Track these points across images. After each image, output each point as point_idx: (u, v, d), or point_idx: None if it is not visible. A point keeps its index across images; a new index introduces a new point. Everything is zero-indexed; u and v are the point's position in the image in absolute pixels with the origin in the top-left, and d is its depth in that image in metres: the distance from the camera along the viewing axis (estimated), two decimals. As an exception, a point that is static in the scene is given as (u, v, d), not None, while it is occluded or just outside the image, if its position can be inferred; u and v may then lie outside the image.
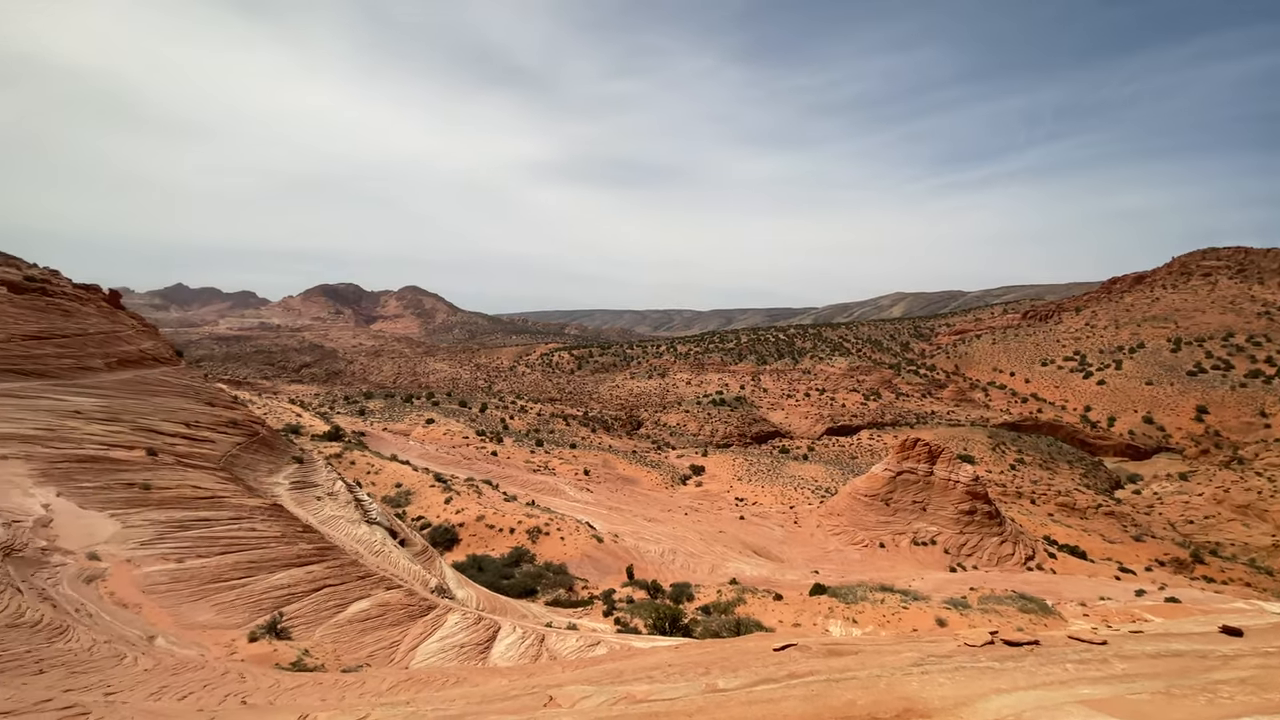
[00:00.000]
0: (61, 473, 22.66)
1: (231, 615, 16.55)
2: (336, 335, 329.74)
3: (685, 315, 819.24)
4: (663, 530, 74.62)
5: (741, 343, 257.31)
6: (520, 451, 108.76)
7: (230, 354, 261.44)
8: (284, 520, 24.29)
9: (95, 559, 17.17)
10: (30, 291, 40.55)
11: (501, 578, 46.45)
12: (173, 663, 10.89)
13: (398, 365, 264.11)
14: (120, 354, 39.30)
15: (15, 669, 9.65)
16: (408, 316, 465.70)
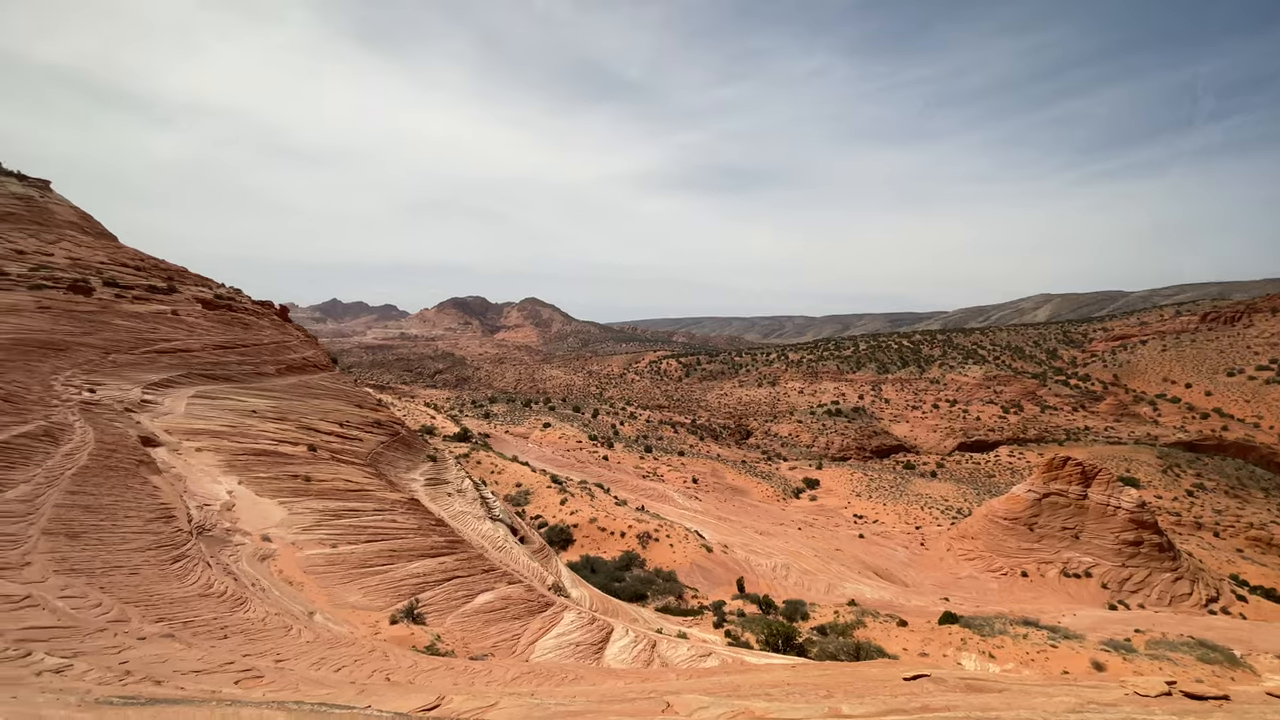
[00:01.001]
0: (242, 464, 26.20)
1: (375, 598, 18.17)
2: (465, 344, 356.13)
3: (797, 321, 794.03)
4: (775, 544, 72.41)
5: (860, 350, 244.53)
6: (630, 457, 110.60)
7: (375, 361, 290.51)
8: (420, 514, 26.36)
9: (267, 540, 19.61)
10: (220, 308, 47.51)
11: (613, 580, 47.32)
12: (329, 637, 12.15)
13: (518, 372, 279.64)
14: (288, 361, 44.88)
15: (206, 633, 11.20)
16: (527, 326, 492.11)
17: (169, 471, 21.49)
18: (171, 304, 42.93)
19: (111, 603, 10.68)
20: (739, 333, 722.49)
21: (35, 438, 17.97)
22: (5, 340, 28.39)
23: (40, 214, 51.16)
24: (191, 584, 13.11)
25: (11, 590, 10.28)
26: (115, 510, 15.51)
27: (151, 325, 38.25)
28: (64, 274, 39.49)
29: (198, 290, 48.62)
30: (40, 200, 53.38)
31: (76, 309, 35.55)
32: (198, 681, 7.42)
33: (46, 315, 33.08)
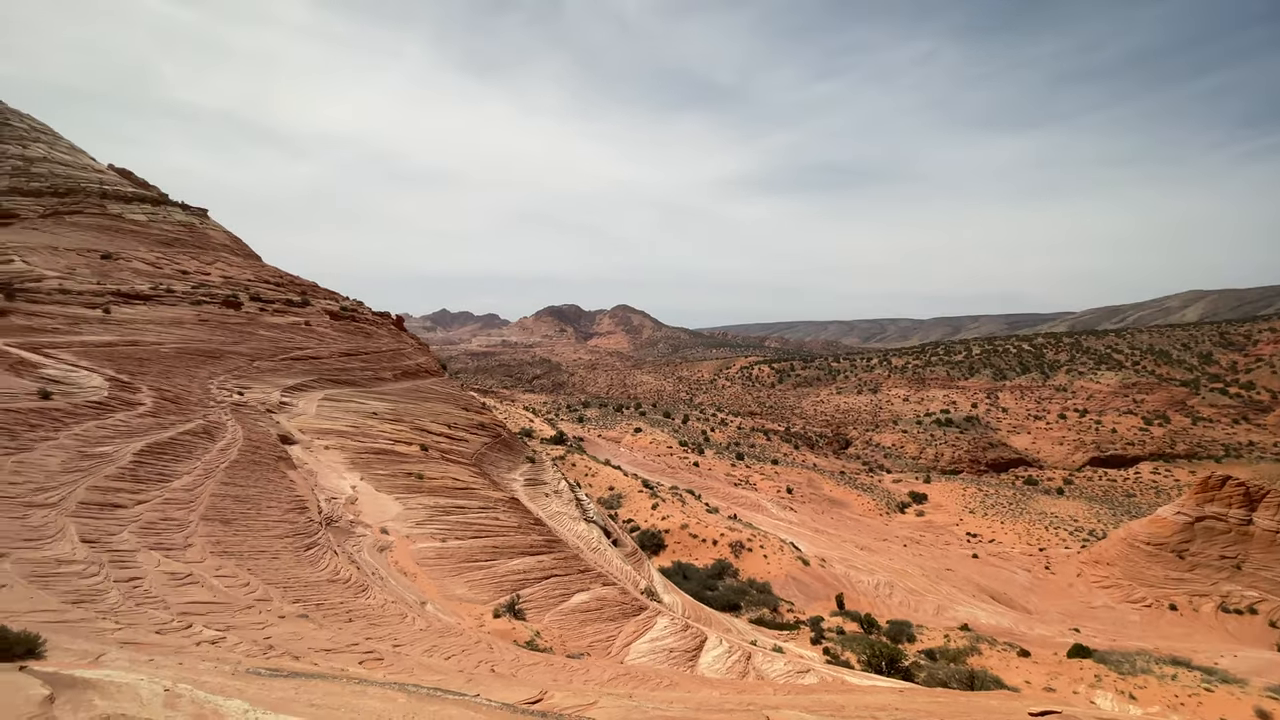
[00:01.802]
0: (364, 462, 28.49)
1: (480, 592, 19.07)
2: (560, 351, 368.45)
3: (901, 325, 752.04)
4: (877, 560, 68.68)
5: (973, 355, 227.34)
6: (721, 464, 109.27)
7: (479, 367, 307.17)
8: (520, 512, 27.44)
9: (385, 533, 21.15)
10: (344, 319, 52.09)
11: (705, 588, 46.84)
12: (439, 626, 12.90)
13: (610, 378, 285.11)
14: (403, 367, 48.40)
15: (334, 615, 12.23)
16: (619, 333, 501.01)
17: (302, 467, 23.79)
18: (305, 316, 47.67)
19: (257, 583, 11.95)
20: (836, 337, 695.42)
21: (196, 434, 20.52)
22: (172, 349, 32.70)
23: (200, 238, 58.62)
24: (322, 570, 14.39)
25: (177, 568, 11.75)
26: (259, 500, 17.34)
27: (288, 335, 42.64)
28: (218, 290, 44.94)
29: (326, 303, 53.67)
30: (200, 226, 61.17)
31: (228, 321, 40.32)
32: (328, 659, 8.12)
33: (205, 327, 37.77)
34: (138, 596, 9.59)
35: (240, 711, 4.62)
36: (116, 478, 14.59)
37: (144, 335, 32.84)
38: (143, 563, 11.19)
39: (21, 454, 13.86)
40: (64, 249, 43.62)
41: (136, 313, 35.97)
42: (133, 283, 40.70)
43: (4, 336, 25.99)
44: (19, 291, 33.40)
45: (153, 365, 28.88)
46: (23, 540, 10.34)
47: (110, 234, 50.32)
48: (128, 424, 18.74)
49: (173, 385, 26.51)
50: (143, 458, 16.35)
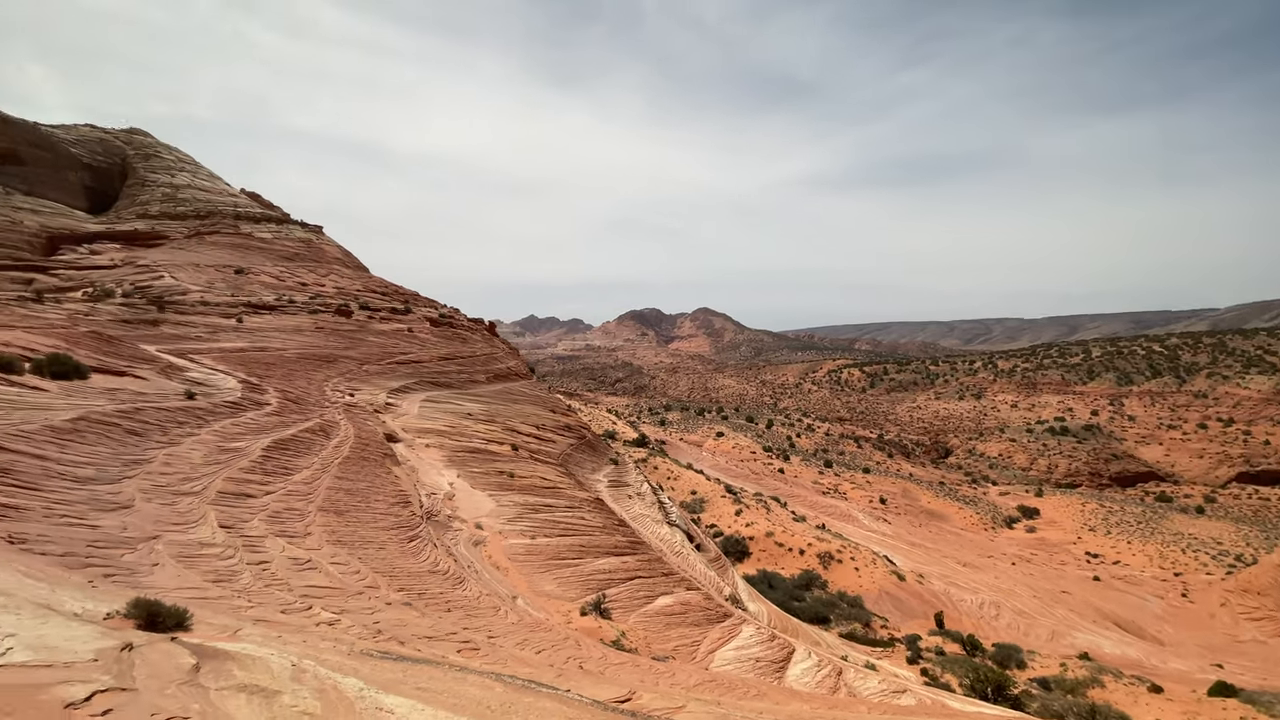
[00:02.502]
0: (460, 460, 29.99)
1: (567, 589, 19.52)
2: (642, 354, 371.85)
3: (1008, 325, 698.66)
4: (981, 579, 64.00)
5: (1093, 357, 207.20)
6: (808, 471, 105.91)
7: (565, 370, 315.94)
8: (605, 513, 27.86)
9: (479, 528, 22.14)
10: (442, 325, 55.13)
11: (791, 598, 45.52)
12: (530, 621, 13.33)
13: (691, 381, 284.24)
14: (495, 370, 50.58)
15: (434, 605, 12.92)
16: (700, 336, 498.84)
17: (405, 464, 25.39)
18: (407, 323, 50.98)
19: (367, 571, 12.85)
20: (934, 338, 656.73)
21: (314, 432, 22.41)
22: (293, 354, 35.92)
23: (316, 253, 64.10)
24: (423, 561, 15.27)
25: (298, 554, 12.86)
26: (368, 494, 18.66)
27: (393, 341, 45.74)
28: (332, 300, 48.93)
29: (426, 310, 57.13)
30: (316, 242, 66.93)
31: (341, 328, 43.80)
32: (430, 646, 8.59)
33: (320, 333, 41.22)
34: (266, 579, 10.58)
35: (356, 689, 4.97)
36: (248, 470, 16.18)
37: (270, 342, 36.35)
38: (270, 548, 12.34)
39: (171, 448, 15.69)
40: (204, 265, 49.09)
41: (264, 321, 39.88)
42: (260, 294, 45.15)
43: (157, 344, 29.61)
44: (169, 304, 37.95)
45: (277, 369, 31.89)
46: (172, 524, 11.69)
47: (242, 251, 56.12)
48: (257, 422, 20.77)
49: (294, 387, 29.13)
50: (270, 453, 18.05)
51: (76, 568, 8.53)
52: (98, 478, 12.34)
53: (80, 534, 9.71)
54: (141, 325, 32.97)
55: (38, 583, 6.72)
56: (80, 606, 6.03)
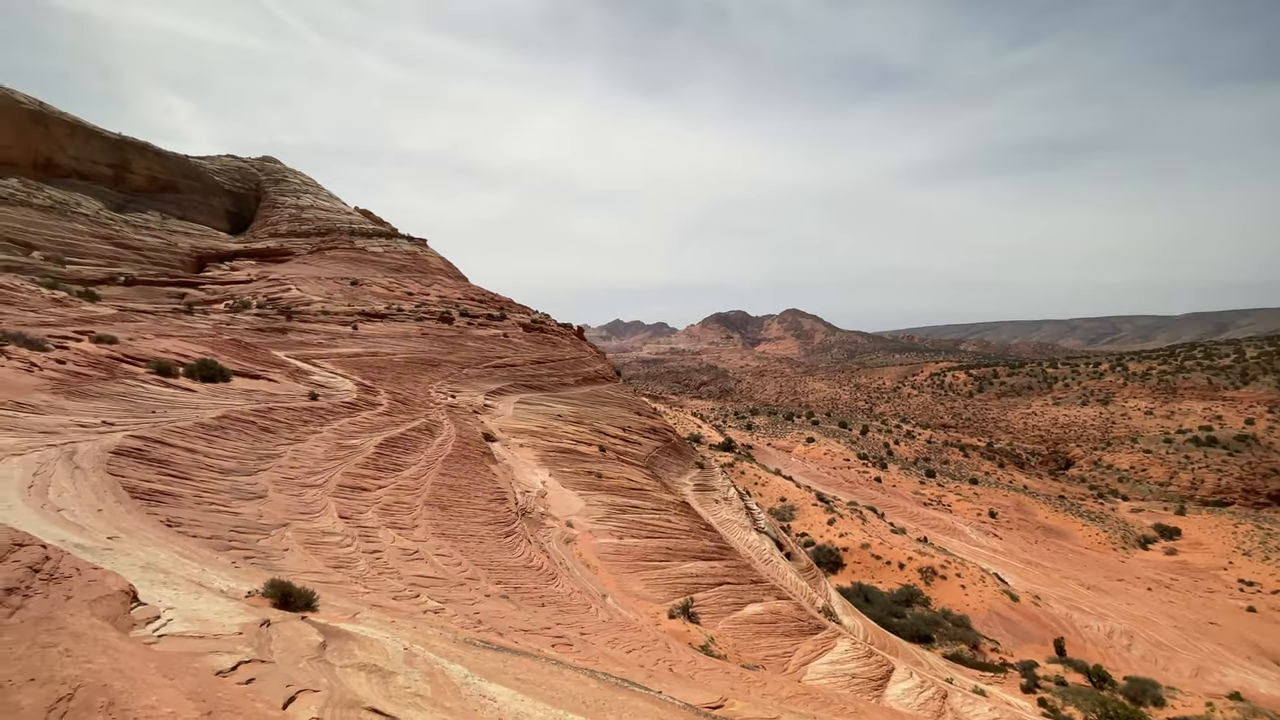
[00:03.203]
0: (551, 459, 30.94)
1: (655, 591, 19.58)
2: (727, 357, 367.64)
3: (1140, 322, 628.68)
4: (1110, 604, 57.82)
5: (1247, 358, 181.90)
6: (908, 481, 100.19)
7: (649, 374, 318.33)
8: (691, 516, 27.72)
9: (570, 526, 22.70)
10: (534, 330, 57.15)
11: (889, 614, 43.17)
12: (620, 620, 13.49)
13: (779, 384, 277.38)
14: (583, 373, 51.78)
15: (529, 599, 13.37)
16: (788, 338, 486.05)
17: (501, 462, 26.52)
18: (502, 329, 53.33)
19: (467, 563, 13.52)
20: (1052, 338, 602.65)
21: (420, 431, 23.91)
22: (402, 359, 38.52)
23: (421, 264, 68.50)
24: (519, 556, 15.86)
25: (407, 545, 13.74)
26: (469, 490, 19.65)
27: (490, 346, 47.99)
28: (435, 308, 52.07)
29: (519, 316, 59.52)
30: (420, 254, 71.56)
31: (443, 334, 46.49)
32: (526, 639, 8.89)
33: (425, 339, 43.94)
34: (379, 566, 11.38)
35: (461, 675, 5.22)
36: (363, 465, 17.51)
37: (381, 347, 39.21)
38: (382, 539, 13.27)
39: (298, 444, 17.27)
40: (325, 278, 53.77)
41: (375, 329, 43.08)
42: (373, 304, 48.85)
43: (285, 349, 32.74)
44: (295, 313, 41.86)
45: (388, 372, 34.34)
46: (299, 513, 12.84)
47: (357, 264, 61.00)
48: (371, 421, 22.45)
49: (402, 389, 31.26)
50: (382, 450, 19.44)
51: (221, 550, 9.56)
52: (238, 470, 13.80)
53: (224, 520, 10.88)
54: (272, 333, 36.61)
55: (190, 562, 7.59)
56: (225, 585, 6.74)
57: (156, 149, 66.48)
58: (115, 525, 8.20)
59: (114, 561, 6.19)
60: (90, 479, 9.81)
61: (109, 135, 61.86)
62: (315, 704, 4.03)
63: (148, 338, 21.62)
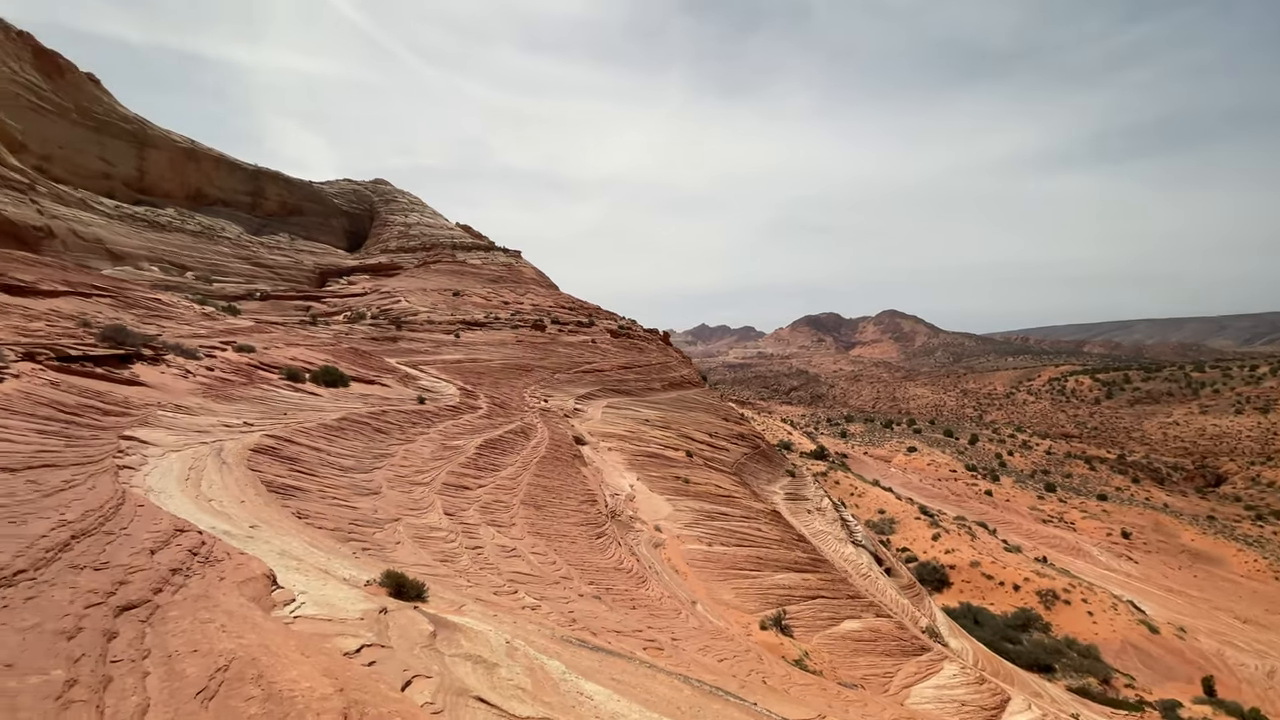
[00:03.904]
0: (639, 463, 31.22)
1: (746, 601, 19.21)
2: (819, 361, 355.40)
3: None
4: (1272, 640, 50.32)
5: None
6: (1023, 495, 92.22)
7: (736, 378, 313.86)
8: (782, 526, 26.99)
9: (658, 530, 22.78)
10: (621, 336, 57.98)
11: (1003, 639, 39.86)
12: (710, 628, 13.36)
13: (876, 390, 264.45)
14: (669, 379, 51.91)
15: (620, 601, 13.53)
16: (885, 341, 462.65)
17: (591, 465, 27.09)
18: (591, 335, 54.60)
19: (561, 563, 13.92)
20: (1196, 338, 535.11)
21: (516, 433, 24.92)
22: (499, 364, 40.34)
23: (515, 275, 71.49)
24: (609, 558, 16.12)
25: (505, 542, 14.33)
26: (561, 491, 20.23)
27: (579, 351, 49.27)
28: (529, 316, 54.15)
29: (607, 323, 60.68)
30: (515, 265, 74.72)
31: (536, 341, 48.25)
32: (618, 640, 9.01)
33: (520, 346, 45.78)
34: (480, 562, 11.96)
35: (559, 671, 5.38)
36: (465, 465, 18.49)
37: (480, 354, 41.30)
38: (483, 535, 13.94)
39: (408, 444, 18.52)
40: (430, 290, 57.38)
41: (475, 337, 45.43)
42: (472, 313, 51.58)
43: (396, 357, 35.22)
44: (404, 323, 44.94)
45: (486, 378, 36.10)
46: (408, 509, 13.75)
47: (458, 276, 64.64)
48: (471, 424, 23.68)
49: (499, 393, 32.74)
50: (481, 451, 20.45)
51: (343, 540, 10.41)
52: (356, 467, 14.99)
53: (344, 513, 11.85)
54: (385, 341, 39.54)
55: (318, 551, 8.33)
56: (348, 573, 7.33)
57: (286, 177, 74.00)
58: (255, 515, 9.15)
59: (255, 548, 6.91)
60: (234, 473, 11.01)
61: (247, 166, 69.61)
62: (429, 689, 4.29)
63: (279, 347, 24.02)
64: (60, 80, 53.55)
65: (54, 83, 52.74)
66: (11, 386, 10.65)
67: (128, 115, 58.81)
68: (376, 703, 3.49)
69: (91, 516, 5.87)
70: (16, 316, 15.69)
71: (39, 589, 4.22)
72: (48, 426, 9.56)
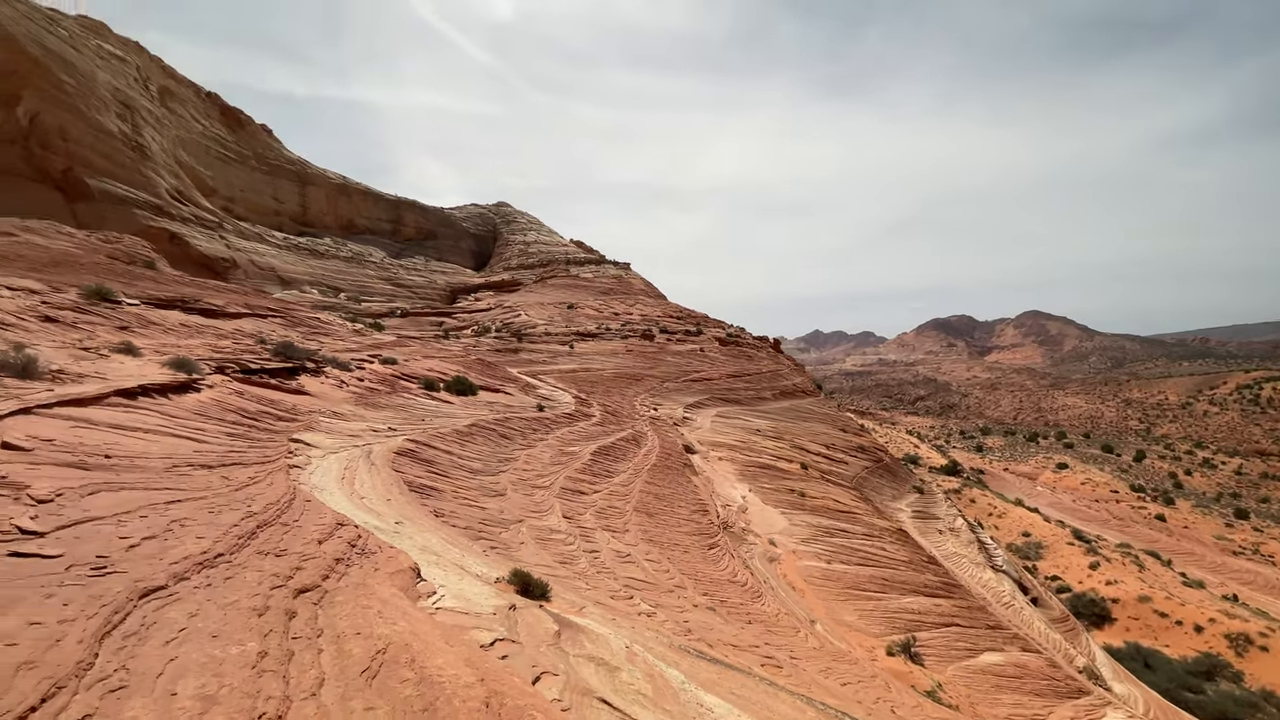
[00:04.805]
0: (750, 474, 30.59)
1: (870, 624, 18.11)
2: (949, 368, 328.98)
3: None
4: None
5: None
6: (1207, 522, 79.31)
7: (854, 387, 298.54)
8: (910, 546, 25.20)
9: (773, 545, 22.14)
10: (729, 344, 57.32)
11: (1182, 687, 34.39)
12: (832, 650, 12.73)
13: (1017, 399, 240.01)
14: (781, 387, 50.51)
15: (735, 615, 13.29)
16: (1028, 345, 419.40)
17: (701, 474, 26.95)
18: (699, 344, 54.53)
19: (675, 571, 13.95)
20: None
21: (628, 441, 25.40)
22: (610, 373, 41.39)
23: (625, 286, 73.17)
24: (722, 569, 15.91)
25: (620, 548, 14.61)
26: (672, 499, 20.30)
27: (687, 360, 49.37)
28: (638, 326, 55.13)
29: (715, 331, 60.34)
30: (625, 277, 76.51)
31: (645, 350, 49.00)
32: (735, 654, 8.86)
33: (629, 356, 46.71)
34: (598, 566, 12.28)
35: (679, 680, 5.38)
36: (581, 471, 19.13)
37: (592, 363, 42.66)
38: (599, 540, 14.31)
39: (529, 449, 19.50)
40: (546, 303, 60.23)
41: (587, 347, 47.02)
42: (585, 324, 53.44)
43: (517, 367, 37.27)
44: (524, 335, 47.46)
45: (598, 386, 37.20)
46: (530, 511, 14.44)
47: (571, 289, 67.35)
48: (586, 431, 24.48)
49: (611, 401, 33.59)
50: (596, 457, 21.06)
51: (474, 539, 11.13)
52: (483, 470, 16.01)
53: (474, 513, 12.68)
54: (507, 352, 42.02)
55: (453, 548, 8.97)
56: (480, 570, 7.83)
57: (421, 205, 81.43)
58: (399, 512, 10.05)
59: (401, 543, 7.59)
60: (381, 473, 12.17)
61: (388, 197, 77.44)
62: (556, 687, 4.47)
63: (417, 359, 26.31)
64: (241, 132, 62.84)
65: (236, 134, 62.01)
66: (207, 396, 12.53)
67: (292, 158, 67.71)
68: (512, 695, 3.70)
69: (271, 509, 6.75)
70: (210, 335, 18.48)
71: (234, 570, 4.92)
72: (234, 430, 11.14)
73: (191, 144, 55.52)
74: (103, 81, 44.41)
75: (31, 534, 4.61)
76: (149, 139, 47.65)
